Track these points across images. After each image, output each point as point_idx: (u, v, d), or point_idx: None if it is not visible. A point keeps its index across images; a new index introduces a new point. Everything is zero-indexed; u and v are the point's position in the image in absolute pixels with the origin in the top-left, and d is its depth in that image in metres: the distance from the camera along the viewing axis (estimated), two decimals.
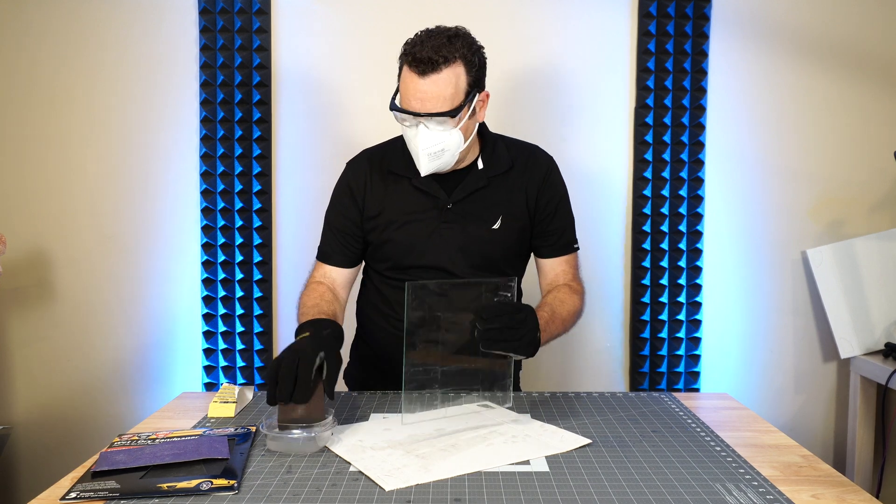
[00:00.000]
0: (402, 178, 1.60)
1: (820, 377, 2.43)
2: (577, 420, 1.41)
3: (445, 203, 1.58)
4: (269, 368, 1.33)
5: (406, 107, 1.45)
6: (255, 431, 1.32)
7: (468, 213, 1.58)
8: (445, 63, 1.42)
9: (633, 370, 2.40)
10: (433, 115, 1.42)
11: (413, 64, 1.42)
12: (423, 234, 1.59)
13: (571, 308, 1.56)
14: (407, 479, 1.11)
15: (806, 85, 2.36)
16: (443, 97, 1.42)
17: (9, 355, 2.42)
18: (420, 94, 1.42)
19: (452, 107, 1.43)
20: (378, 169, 1.64)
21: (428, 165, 1.49)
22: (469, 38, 1.49)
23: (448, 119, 1.44)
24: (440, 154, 1.47)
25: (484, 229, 1.58)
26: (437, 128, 1.45)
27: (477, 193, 1.58)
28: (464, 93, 1.45)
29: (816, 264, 2.34)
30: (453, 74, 1.43)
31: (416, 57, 1.42)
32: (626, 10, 2.33)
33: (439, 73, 1.41)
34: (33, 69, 2.36)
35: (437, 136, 1.45)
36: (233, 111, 2.33)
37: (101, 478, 1.11)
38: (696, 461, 1.20)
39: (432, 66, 1.41)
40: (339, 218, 1.67)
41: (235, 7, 2.31)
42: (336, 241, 1.67)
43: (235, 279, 2.37)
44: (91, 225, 2.39)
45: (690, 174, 2.34)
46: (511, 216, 1.59)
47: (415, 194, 1.60)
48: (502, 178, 1.60)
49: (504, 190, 1.60)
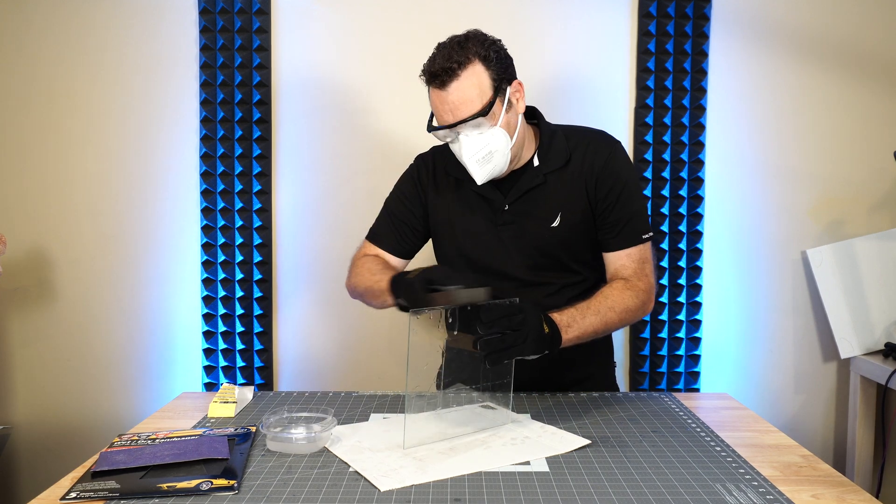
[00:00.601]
0: (461, 182, 1.60)
1: (820, 377, 2.43)
2: (577, 420, 1.41)
3: (501, 205, 1.56)
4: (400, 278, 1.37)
5: (440, 122, 1.45)
6: (255, 431, 1.33)
7: (525, 213, 1.56)
8: (461, 67, 1.40)
9: (633, 370, 2.40)
10: (465, 120, 1.41)
11: (432, 80, 1.43)
12: (480, 238, 1.58)
13: (616, 304, 1.47)
14: (403, 480, 1.11)
15: (806, 85, 2.36)
16: (469, 100, 1.41)
17: (9, 355, 2.42)
18: (448, 105, 1.42)
19: (482, 106, 1.41)
20: (443, 169, 1.63)
21: (480, 172, 1.46)
22: (480, 36, 1.46)
23: (483, 120, 1.42)
24: (489, 157, 1.45)
25: (543, 228, 1.55)
26: (476, 132, 1.43)
27: (533, 192, 1.55)
28: (490, 89, 1.42)
29: (816, 264, 2.34)
30: (473, 75, 1.41)
31: (432, 73, 1.42)
32: (626, 10, 2.33)
33: (458, 79, 1.40)
34: (33, 69, 2.36)
35: (480, 141, 1.43)
36: (233, 111, 2.33)
37: (101, 478, 1.11)
38: (696, 461, 1.20)
39: (449, 73, 1.40)
40: (399, 205, 1.66)
41: (235, 7, 2.31)
42: (391, 226, 1.65)
43: (235, 279, 2.37)
44: (91, 225, 2.39)
45: (690, 174, 2.34)
46: (571, 212, 1.55)
47: (472, 198, 1.59)
48: (560, 173, 1.56)
49: (562, 185, 1.55)
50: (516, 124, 1.49)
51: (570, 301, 1.47)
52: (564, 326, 1.37)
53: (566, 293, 1.58)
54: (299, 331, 2.41)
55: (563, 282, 1.59)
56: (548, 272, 1.58)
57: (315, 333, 2.42)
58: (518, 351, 1.26)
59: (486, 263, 1.58)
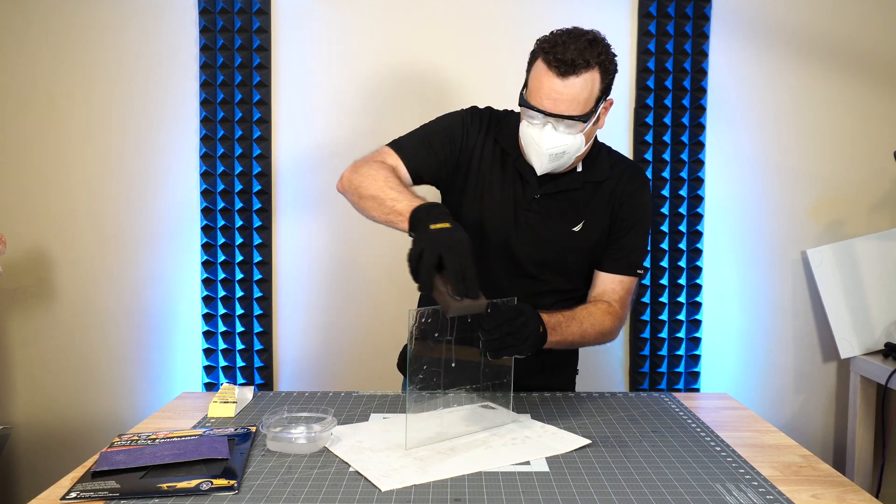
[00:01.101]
0: (505, 153, 1.58)
1: (820, 377, 2.43)
2: (577, 420, 1.41)
3: (534, 192, 1.56)
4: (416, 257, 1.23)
5: (537, 104, 1.42)
6: (255, 431, 1.33)
7: (552, 209, 1.56)
8: (586, 67, 1.39)
9: (633, 370, 2.40)
10: (565, 117, 1.40)
11: (553, 63, 1.39)
12: (502, 214, 1.56)
13: (597, 324, 1.50)
14: (403, 480, 1.11)
15: (806, 85, 2.36)
16: (577, 101, 1.40)
17: (9, 355, 2.42)
18: (555, 94, 1.40)
19: (584, 111, 1.41)
20: (491, 132, 1.60)
21: (547, 165, 1.46)
22: (608, 44, 1.46)
23: (577, 123, 1.42)
24: (560, 156, 1.45)
25: (564, 229, 1.56)
26: (564, 130, 1.43)
27: (567, 193, 1.56)
28: (595, 99, 1.43)
29: (816, 264, 2.34)
30: (590, 80, 1.41)
31: (557, 57, 1.39)
32: (626, 10, 2.33)
33: (578, 77, 1.39)
34: (33, 69, 2.36)
35: (562, 139, 1.43)
36: (233, 111, 2.33)
37: (101, 478, 1.11)
38: (696, 461, 1.20)
39: (573, 68, 1.39)
40: (439, 133, 1.58)
41: (235, 7, 2.31)
42: (421, 145, 1.57)
43: (235, 279, 2.37)
44: (91, 225, 2.39)
45: (690, 174, 2.34)
46: (594, 224, 1.57)
47: (509, 174, 1.57)
48: (596, 186, 1.57)
49: (594, 198, 1.57)
50: (592, 136, 1.52)
51: (553, 305, 1.49)
52: (551, 329, 1.39)
53: (553, 297, 1.59)
54: (299, 331, 2.41)
55: (557, 286, 1.60)
56: (549, 271, 1.58)
57: (315, 333, 2.42)
58: (517, 350, 1.28)
59: (497, 241, 1.57)
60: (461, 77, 2.34)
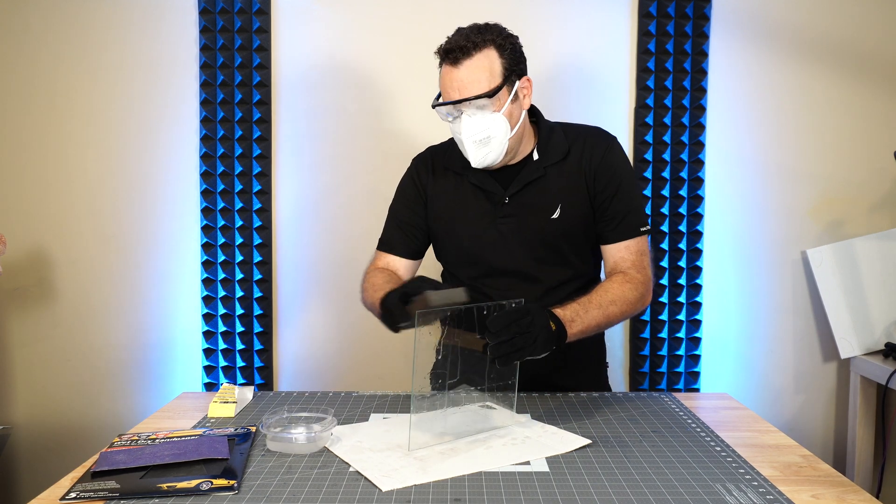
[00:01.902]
0: (460, 176, 1.61)
1: (820, 377, 2.43)
2: (577, 420, 1.41)
3: (501, 198, 1.57)
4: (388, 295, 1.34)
5: (446, 100, 1.47)
6: (255, 431, 1.33)
7: (525, 206, 1.56)
8: (476, 48, 1.44)
9: (633, 370, 2.40)
10: (470, 98, 1.43)
11: (445, 56, 1.45)
12: (480, 230, 1.58)
13: (617, 298, 1.47)
14: (404, 480, 1.11)
15: (806, 85, 2.36)
16: (478, 81, 1.44)
17: (9, 355, 2.42)
18: (456, 82, 1.44)
19: (489, 88, 1.44)
20: (440, 165, 1.65)
21: (476, 154, 1.48)
22: (499, 27, 1.51)
23: (488, 103, 1.45)
24: (487, 141, 1.47)
25: (543, 220, 1.56)
26: (479, 113, 1.46)
27: (533, 184, 1.57)
28: (500, 76, 1.45)
29: (816, 264, 2.34)
30: (486, 58, 1.45)
31: (446, 49, 1.45)
32: (626, 10, 2.33)
33: (471, 59, 1.44)
34: (33, 69, 2.36)
35: (480, 123, 1.46)
36: (233, 111, 2.33)
37: (101, 478, 1.11)
38: (696, 461, 1.20)
39: (464, 52, 1.43)
40: (403, 209, 1.67)
41: (235, 7, 2.31)
42: (400, 232, 1.66)
43: (235, 279, 2.37)
44: (91, 225, 2.39)
45: (690, 174, 2.34)
46: (571, 204, 1.56)
47: (472, 191, 1.60)
48: (559, 166, 1.57)
49: (562, 178, 1.57)
50: (519, 117, 1.52)
51: (570, 296, 1.48)
52: (568, 321, 1.37)
53: (566, 288, 1.58)
54: (299, 331, 2.41)
55: (563, 276, 1.59)
56: (548, 266, 1.58)
57: (315, 333, 2.42)
58: (529, 352, 1.25)
59: (487, 258, 1.58)
60: None
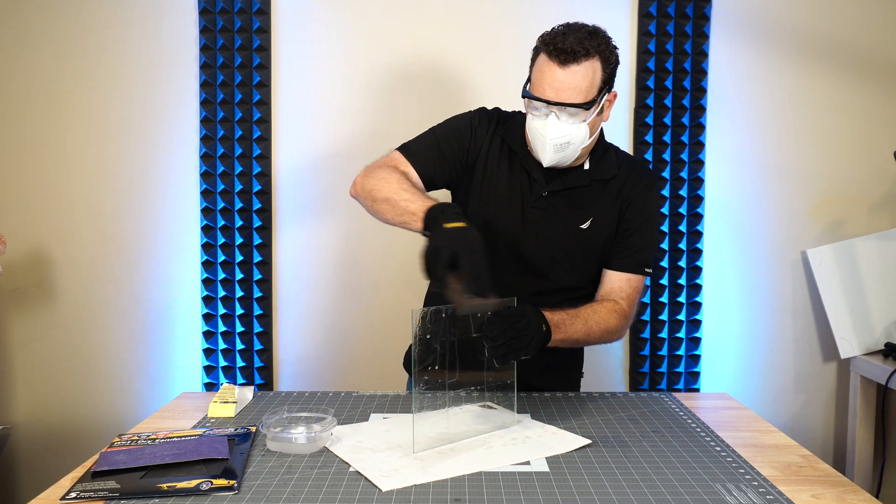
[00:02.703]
0: (512, 153, 1.59)
1: (820, 377, 2.43)
2: (577, 420, 1.41)
3: (541, 189, 1.57)
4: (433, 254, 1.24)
5: (539, 94, 1.45)
6: (255, 431, 1.33)
7: (559, 206, 1.57)
8: (586, 56, 1.42)
9: (633, 370, 2.40)
10: (567, 105, 1.43)
11: (554, 53, 1.43)
12: (510, 210, 1.58)
13: (602, 322, 1.51)
14: (404, 480, 1.11)
15: (806, 85, 2.36)
16: (579, 89, 1.43)
17: (9, 355, 2.42)
18: (557, 83, 1.43)
19: (586, 100, 1.44)
20: (499, 131, 1.62)
21: (552, 157, 1.48)
22: (607, 36, 1.49)
23: (579, 112, 1.44)
24: (565, 146, 1.47)
25: (571, 226, 1.57)
26: (568, 120, 1.45)
27: (575, 190, 1.58)
28: (597, 88, 1.46)
29: (816, 264, 2.34)
30: (591, 68, 1.44)
31: (557, 47, 1.42)
32: (626, 10, 2.33)
33: (578, 65, 1.42)
34: (33, 69, 2.36)
35: (566, 128, 1.45)
36: (233, 111, 2.33)
37: (101, 478, 1.11)
38: (696, 461, 1.20)
39: (573, 56, 1.42)
40: (448, 136, 1.60)
41: (235, 7, 2.31)
42: (431, 149, 1.59)
43: (235, 279, 2.37)
44: (91, 225, 2.39)
45: (690, 174, 2.34)
46: (601, 222, 1.58)
47: (516, 172, 1.59)
48: (603, 184, 1.59)
49: (602, 195, 1.59)
50: (597, 129, 1.53)
51: (559, 304, 1.49)
52: (554, 326, 1.39)
53: (560, 295, 1.59)
54: (299, 331, 2.41)
55: (564, 284, 1.60)
56: (557, 269, 1.58)
57: (315, 333, 2.42)
58: (524, 353, 1.29)
59: (504, 236, 1.58)
60: (461, 77, 2.34)
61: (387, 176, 1.48)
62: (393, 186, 1.45)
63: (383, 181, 1.47)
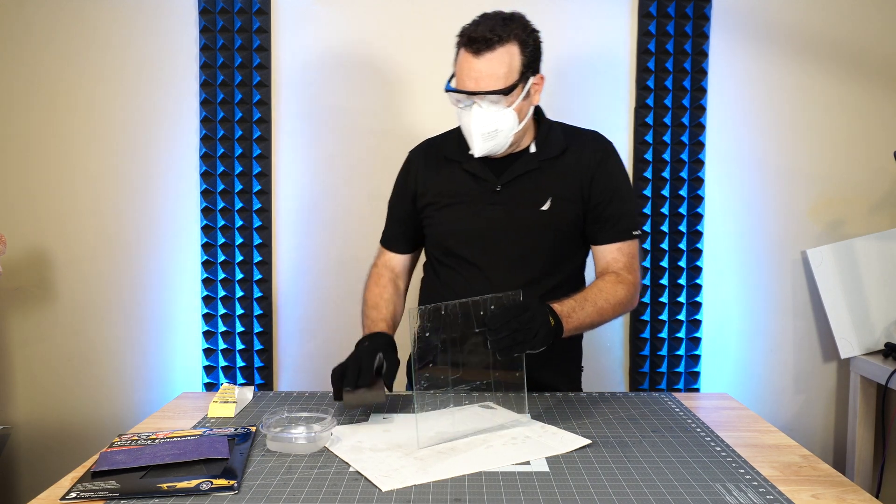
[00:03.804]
0: (455, 163, 1.62)
1: (820, 377, 2.43)
2: (577, 420, 1.41)
3: (494, 186, 1.58)
4: (335, 369, 1.39)
5: (460, 87, 1.48)
6: (255, 431, 1.33)
7: (517, 196, 1.58)
8: (500, 42, 1.44)
9: (633, 370, 2.40)
10: (487, 93, 1.45)
11: (468, 44, 1.46)
12: (469, 215, 1.59)
13: (611, 297, 1.51)
14: (404, 480, 1.11)
15: (806, 85, 2.36)
16: (496, 76, 1.44)
17: (9, 355, 2.42)
18: (475, 73, 1.45)
19: (506, 85, 1.45)
20: (434, 155, 1.67)
21: (482, 146, 1.50)
22: (524, 20, 1.52)
23: (502, 98, 1.46)
24: (494, 135, 1.49)
25: (532, 211, 1.57)
26: (491, 108, 1.47)
27: (527, 176, 1.58)
28: (517, 73, 1.47)
29: (816, 264, 2.34)
30: (507, 54, 1.45)
31: (470, 37, 1.45)
32: (626, 10, 2.33)
33: (493, 52, 1.44)
34: (34, 69, 2.36)
35: (490, 116, 1.47)
36: (233, 111, 2.33)
37: (101, 478, 1.11)
38: (696, 461, 1.20)
39: (487, 44, 1.44)
40: (398, 204, 1.71)
41: (235, 7, 2.31)
42: (396, 227, 1.71)
43: (235, 279, 2.37)
44: (91, 225, 2.39)
45: (690, 174, 2.34)
46: (563, 199, 1.57)
47: (465, 178, 1.61)
48: (554, 162, 1.59)
49: (556, 173, 1.59)
50: (527, 113, 1.54)
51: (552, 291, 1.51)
52: (565, 317, 1.39)
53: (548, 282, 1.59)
54: (299, 331, 2.41)
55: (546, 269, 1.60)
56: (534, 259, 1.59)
57: (315, 333, 2.42)
58: (530, 346, 1.29)
59: (475, 245, 1.59)
60: None
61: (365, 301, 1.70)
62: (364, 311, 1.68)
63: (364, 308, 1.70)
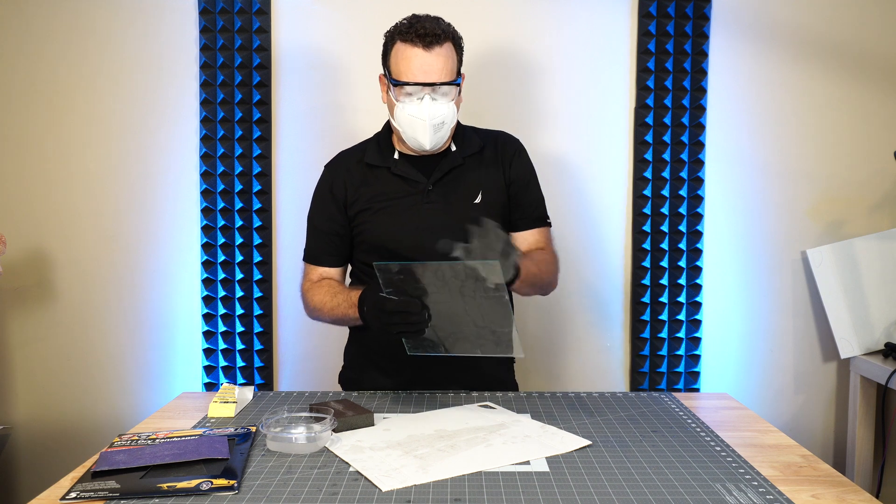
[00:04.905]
0: (381, 168, 1.67)
1: (820, 377, 2.43)
2: (577, 420, 1.41)
3: (425, 185, 1.63)
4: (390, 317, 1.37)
5: (412, 79, 1.52)
6: (255, 431, 1.33)
7: (449, 193, 1.64)
8: (444, 38, 1.53)
9: (633, 370, 2.40)
10: (442, 84, 1.52)
11: (417, 39, 1.51)
12: (405, 216, 1.63)
13: (547, 259, 1.62)
14: (405, 480, 1.11)
15: (806, 85, 2.36)
16: (446, 69, 1.53)
17: (9, 355, 2.42)
18: (427, 66, 1.51)
19: (452, 78, 1.55)
20: (356, 164, 1.70)
21: (432, 137, 1.55)
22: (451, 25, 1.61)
23: (451, 90, 1.54)
24: (440, 126, 1.55)
25: (467, 205, 1.63)
26: (441, 100, 1.54)
27: (454, 172, 1.65)
28: (457, 69, 1.57)
29: (816, 264, 2.34)
30: (449, 49, 1.55)
31: (419, 33, 1.51)
32: (626, 10, 2.33)
33: (441, 47, 1.52)
34: (34, 69, 2.36)
35: (440, 108, 1.54)
36: (233, 111, 2.33)
37: (101, 478, 1.11)
38: (696, 461, 1.21)
39: (436, 39, 1.51)
40: (323, 220, 1.71)
41: (235, 7, 2.31)
42: (323, 242, 1.71)
43: (235, 279, 2.37)
44: (91, 225, 2.39)
45: (690, 174, 2.34)
46: (490, 190, 1.66)
47: (395, 181, 1.65)
48: (476, 158, 1.68)
49: (480, 167, 1.67)
50: (458, 108, 1.62)
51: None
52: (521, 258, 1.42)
53: None
54: (299, 331, 2.41)
55: None
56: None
57: (315, 333, 2.41)
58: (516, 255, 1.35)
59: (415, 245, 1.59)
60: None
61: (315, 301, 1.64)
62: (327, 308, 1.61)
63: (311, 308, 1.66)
